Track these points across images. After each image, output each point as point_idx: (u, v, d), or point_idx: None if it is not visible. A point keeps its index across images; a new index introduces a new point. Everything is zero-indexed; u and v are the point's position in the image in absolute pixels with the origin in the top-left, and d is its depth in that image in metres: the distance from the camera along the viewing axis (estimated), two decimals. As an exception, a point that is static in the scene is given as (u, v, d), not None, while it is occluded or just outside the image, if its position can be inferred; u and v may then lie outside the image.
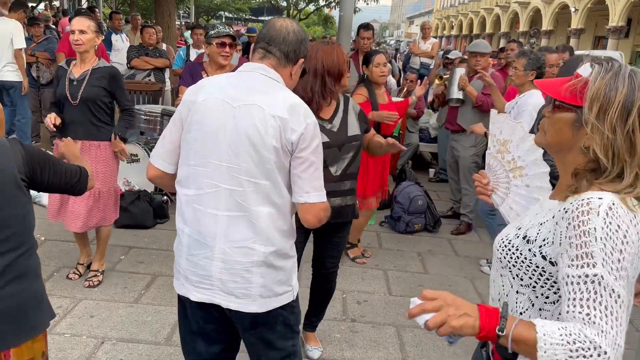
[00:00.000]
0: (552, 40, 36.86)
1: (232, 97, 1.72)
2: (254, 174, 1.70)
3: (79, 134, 3.34)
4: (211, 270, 1.76)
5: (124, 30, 9.02)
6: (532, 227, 1.30)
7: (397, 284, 3.94)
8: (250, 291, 1.76)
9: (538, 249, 1.25)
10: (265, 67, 1.78)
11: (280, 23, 1.83)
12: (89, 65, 3.35)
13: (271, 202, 1.73)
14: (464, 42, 53.95)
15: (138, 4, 31.03)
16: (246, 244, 1.73)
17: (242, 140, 1.68)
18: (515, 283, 1.32)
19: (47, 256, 3.94)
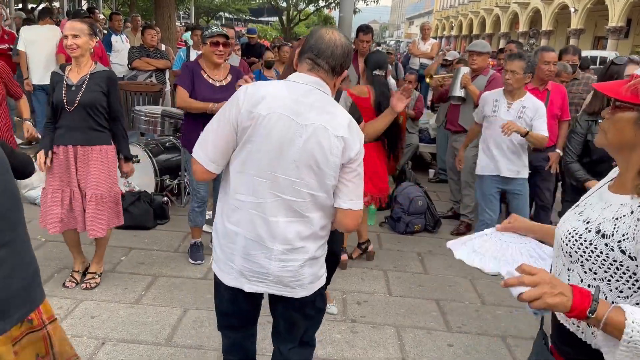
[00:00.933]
0: (552, 41, 36.86)
1: (297, 113, 1.81)
2: (314, 188, 1.86)
3: (77, 140, 3.29)
4: (270, 269, 1.93)
5: (124, 31, 9.03)
6: (605, 221, 1.32)
7: (397, 285, 3.95)
8: (303, 281, 1.98)
9: (617, 244, 1.28)
10: (320, 82, 1.88)
11: (329, 36, 1.88)
12: (86, 70, 3.28)
13: (323, 208, 1.93)
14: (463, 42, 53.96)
15: (138, 4, 31.03)
16: (302, 244, 1.93)
17: (307, 157, 1.82)
18: (587, 277, 1.35)
19: (47, 257, 3.94)
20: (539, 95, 4.46)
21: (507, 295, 3.90)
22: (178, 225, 4.77)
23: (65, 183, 3.35)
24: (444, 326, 3.43)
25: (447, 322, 3.47)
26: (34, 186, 4.92)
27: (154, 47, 6.61)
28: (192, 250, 4.07)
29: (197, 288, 3.66)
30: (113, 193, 3.49)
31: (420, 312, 3.57)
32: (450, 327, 3.42)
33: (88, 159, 3.32)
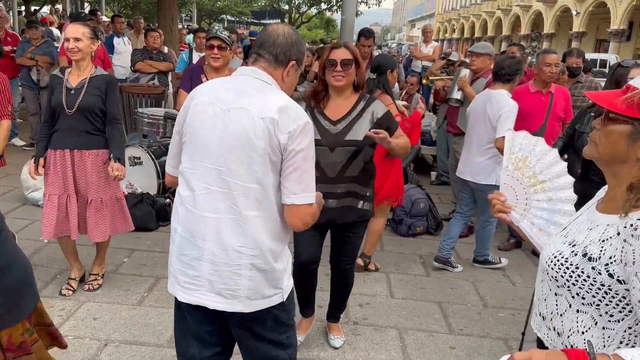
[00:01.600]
0: (554, 44, 36.87)
1: (223, 100, 1.76)
2: (243, 178, 1.72)
3: (74, 143, 3.26)
4: (200, 271, 1.78)
5: (126, 34, 9.05)
6: (592, 243, 1.27)
7: (399, 287, 3.95)
8: (238, 292, 1.78)
9: (604, 267, 1.23)
10: (258, 70, 1.81)
11: (272, 28, 1.88)
12: (86, 74, 3.25)
13: (260, 206, 1.75)
14: (465, 45, 53.98)
15: (140, 7, 31.12)
16: (234, 247, 1.75)
17: (231, 143, 1.72)
18: (575, 302, 1.30)
19: (51, 259, 3.95)
20: (542, 99, 4.47)
21: (509, 298, 3.90)
22: (180, 227, 4.77)
23: (61, 188, 3.31)
24: (446, 328, 3.43)
25: (449, 325, 3.47)
26: (37, 188, 4.92)
27: (157, 50, 6.63)
28: None
29: (199, 290, 3.66)
30: (116, 198, 3.44)
31: (422, 315, 3.57)
32: (453, 330, 3.42)
33: (85, 163, 3.29)
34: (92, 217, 3.36)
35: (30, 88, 6.88)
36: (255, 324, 1.87)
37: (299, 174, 1.73)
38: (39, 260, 3.93)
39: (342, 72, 2.66)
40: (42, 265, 3.84)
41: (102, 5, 26.53)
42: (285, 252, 1.89)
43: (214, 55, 3.62)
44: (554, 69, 4.47)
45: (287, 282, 1.90)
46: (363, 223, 2.94)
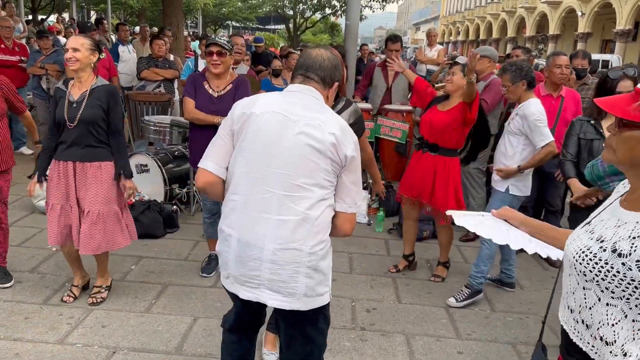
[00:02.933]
0: (560, 45, 36.73)
1: (290, 111, 1.93)
2: (308, 182, 1.89)
3: (77, 155, 3.26)
4: (260, 270, 1.93)
5: (131, 42, 9.12)
6: (621, 240, 1.30)
7: (406, 292, 3.94)
8: (297, 290, 1.93)
9: (635, 263, 1.26)
10: (312, 89, 2.00)
11: (315, 52, 2.05)
12: (87, 85, 3.25)
13: (319, 209, 1.92)
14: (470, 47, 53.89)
15: (146, 15, 31.32)
16: (294, 245, 1.90)
17: (300, 151, 1.88)
18: (604, 295, 1.33)
19: (59, 266, 3.97)
20: (553, 102, 4.45)
21: (517, 302, 3.89)
22: (187, 234, 4.80)
23: (63, 198, 3.32)
24: (454, 333, 3.42)
25: (457, 329, 3.47)
26: (44, 196, 4.96)
27: (162, 57, 6.67)
28: (206, 262, 4.09)
29: (206, 296, 3.68)
30: (113, 211, 3.37)
31: (430, 320, 3.56)
32: (460, 335, 3.41)
33: (86, 175, 3.28)
34: (86, 229, 3.30)
35: (41, 97, 6.94)
36: (309, 324, 2.06)
37: (359, 187, 1.99)
38: (47, 268, 3.96)
39: None
40: (50, 274, 3.87)
41: (108, 13, 26.73)
42: (331, 251, 2.05)
43: (214, 62, 3.62)
44: (565, 70, 4.46)
45: (330, 280, 2.08)
46: None
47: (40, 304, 3.45)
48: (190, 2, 26.72)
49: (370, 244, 4.83)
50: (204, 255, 4.21)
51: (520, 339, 3.39)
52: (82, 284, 3.62)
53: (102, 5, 28.83)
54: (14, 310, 3.35)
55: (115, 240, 3.43)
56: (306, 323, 2.06)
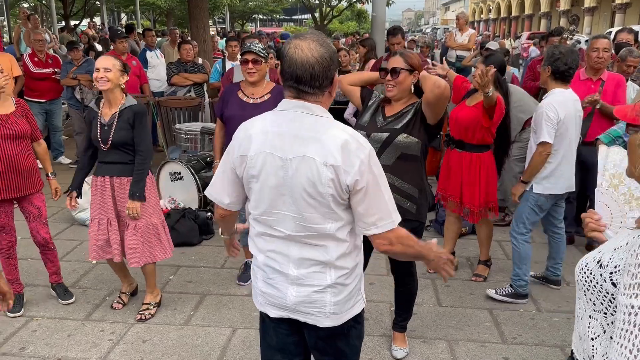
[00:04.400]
0: (596, 17, 35.36)
1: (281, 149, 1.73)
2: (317, 221, 1.76)
3: (114, 171, 3.34)
4: (287, 294, 1.87)
5: (160, 45, 9.20)
6: (607, 252, 1.29)
7: (447, 294, 3.84)
8: (325, 310, 1.86)
9: (608, 275, 1.24)
10: (306, 105, 1.74)
11: (300, 57, 1.68)
12: (116, 107, 3.28)
13: (338, 238, 1.81)
14: (502, 25, 52.50)
15: (174, 13, 31.66)
16: (318, 269, 1.83)
17: (299, 191, 1.73)
18: (588, 307, 1.33)
19: (99, 280, 4.03)
20: (592, 87, 4.26)
21: (563, 300, 3.74)
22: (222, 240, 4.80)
23: (102, 213, 3.39)
24: (499, 337, 3.31)
25: (502, 333, 3.35)
26: (84, 208, 5.04)
27: (191, 62, 6.68)
28: (242, 270, 4.09)
29: (244, 305, 3.67)
30: (151, 224, 3.42)
31: (473, 324, 3.46)
32: (505, 339, 3.30)
33: (124, 189, 3.34)
34: (128, 242, 3.40)
35: (76, 107, 7.08)
36: (340, 339, 1.97)
37: (372, 206, 1.74)
38: (88, 282, 4.03)
39: (392, 81, 2.81)
40: (91, 288, 3.93)
41: (137, 14, 27.16)
42: (360, 263, 1.94)
43: (250, 70, 3.54)
44: (602, 54, 4.25)
45: (363, 286, 1.99)
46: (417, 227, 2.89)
47: (82, 320, 3.50)
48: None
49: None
50: (240, 262, 4.21)
51: (569, 341, 3.24)
52: (130, 291, 3.73)
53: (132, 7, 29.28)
54: (57, 328, 3.41)
55: (154, 254, 3.48)
56: (337, 338, 1.96)
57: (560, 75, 3.45)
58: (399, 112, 2.86)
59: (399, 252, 1.85)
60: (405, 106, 2.86)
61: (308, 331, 1.96)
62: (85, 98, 6.97)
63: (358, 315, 1.97)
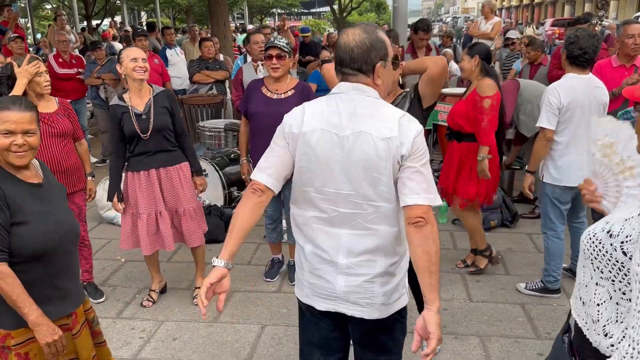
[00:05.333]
0: (622, 1, 34.46)
1: (337, 126, 1.78)
2: (372, 198, 1.78)
3: (159, 162, 3.41)
4: (335, 284, 1.87)
5: (180, 42, 9.23)
6: (617, 222, 1.30)
7: (478, 289, 3.78)
8: (374, 300, 1.86)
9: (619, 245, 1.26)
10: (358, 86, 1.81)
11: (343, 41, 1.81)
12: (146, 95, 3.35)
13: (391, 221, 1.81)
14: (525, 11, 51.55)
15: (194, 10, 31.82)
16: (368, 257, 1.83)
17: (355, 167, 1.76)
18: (595, 275, 1.35)
19: (128, 278, 4.07)
20: (626, 73, 4.16)
21: (598, 294, 3.65)
22: (249, 237, 4.72)
23: (150, 206, 3.45)
24: (532, 333, 3.24)
25: (535, 328, 3.28)
26: (110, 207, 5.10)
27: (213, 59, 6.68)
28: (269, 266, 4.09)
29: (272, 302, 3.66)
30: (198, 206, 3.64)
31: (505, 319, 3.39)
32: (539, 334, 3.23)
33: (172, 178, 3.44)
34: (189, 225, 3.54)
35: (100, 106, 7.15)
36: (385, 334, 1.97)
37: (419, 178, 1.75)
38: (118, 280, 4.06)
39: None
40: (121, 286, 3.97)
41: (157, 12, 27.32)
42: (406, 253, 1.92)
43: (274, 66, 3.51)
44: (638, 39, 4.12)
45: (407, 282, 1.99)
46: None
47: (114, 318, 3.53)
48: (235, -5, 26.85)
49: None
50: (266, 258, 4.20)
51: (606, 337, 3.17)
52: (160, 288, 3.79)
53: (152, 5, 29.51)
54: (90, 326, 3.44)
55: (199, 235, 3.64)
56: (383, 332, 1.97)
57: (574, 60, 3.34)
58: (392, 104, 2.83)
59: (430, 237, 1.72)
60: (395, 98, 2.79)
61: (353, 325, 1.97)
62: (110, 97, 7.03)
63: (403, 309, 1.97)
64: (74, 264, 2.11)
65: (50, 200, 2.01)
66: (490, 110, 3.55)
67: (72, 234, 2.03)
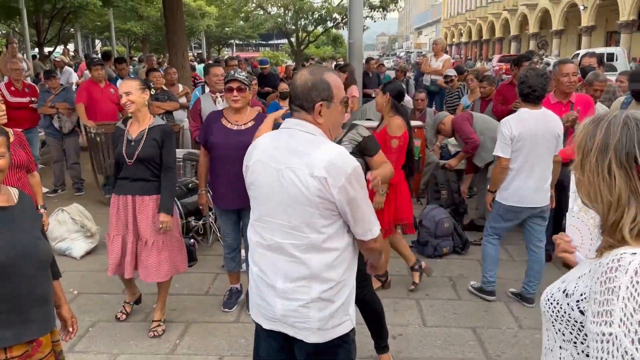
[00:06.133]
0: (564, 40, 36.54)
1: (276, 159, 1.92)
2: (304, 230, 1.88)
3: (136, 190, 3.47)
4: (275, 307, 1.97)
5: (137, 72, 9.21)
6: (572, 281, 1.30)
7: (432, 314, 3.89)
8: (310, 325, 1.94)
9: (575, 304, 1.25)
10: (302, 123, 1.94)
11: (293, 79, 2.00)
12: (145, 124, 3.46)
13: (322, 250, 1.90)
14: (474, 48, 53.81)
15: (150, 40, 31.68)
16: (303, 284, 1.92)
17: (289, 200, 1.88)
18: (558, 338, 1.32)
19: (82, 310, 3.97)
20: (563, 109, 4.42)
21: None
22: (207, 267, 4.79)
23: (123, 229, 3.53)
24: (483, 355, 3.36)
25: (486, 351, 3.41)
26: (63, 238, 5.00)
27: (161, 89, 6.68)
28: (227, 296, 4.09)
29: (230, 332, 3.65)
30: (174, 238, 3.62)
31: (458, 343, 3.51)
32: (490, 356, 3.35)
33: (147, 207, 3.48)
34: (154, 258, 3.51)
35: (54, 136, 7.00)
36: (325, 356, 2.01)
37: (359, 217, 1.90)
38: (71, 313, 3.96)
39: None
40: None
41: (112, 41, 27.08)
42: (350, 280, 2.02)
43: (234, 98, 3.61)
44: (572, 78, 4.42)
45: (352, 309, 2.04)
46: None
47: (66, 352, 3.39)
48: (193, 25, 26.97)
49: (391, 263, 4.78)
50: (224, 288, 4.20)
51: (552, 358, 3.31)
52: (134, 300, 3.88)
53: (106, 33, 29.21)
54: (41, 360, 3.34)
55: (177, 266, 3.65)
56: (325, 355, 2.00)
57: (525, 97, 3.74)
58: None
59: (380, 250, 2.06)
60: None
61: (298, 347, 2.03)
62: (64, 126, 6.92)
63: (346, 335, 2.01)
64: (40, 290, 2.05)
65: (12, 222, 1.99)
66: (397, 150, 3.82)
67: (31, 257, 1.99)
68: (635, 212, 1.19)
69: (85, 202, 6.04)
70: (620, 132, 1.22)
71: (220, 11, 29.79)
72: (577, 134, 1.29)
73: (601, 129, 1.24)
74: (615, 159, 1.20)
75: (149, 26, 27.39)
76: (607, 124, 1.24)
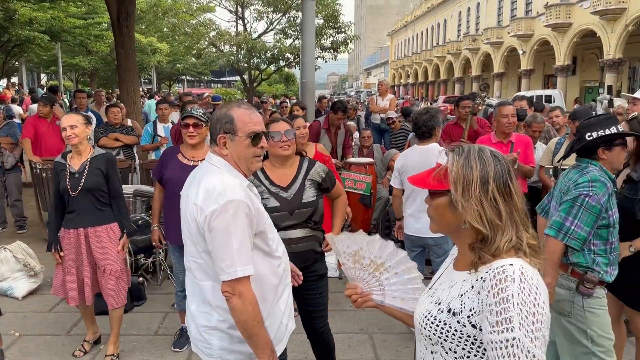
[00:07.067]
0: (505, 82, 38.46)
1: (186, 188, 2.07)
2: (194, 254, 2.00)
3: (87, 222, 3.51)
4: (190, 329, 2.11)
5: (88, 108, 9.06)
6: (453, 299, 1.38)
7: (384, 349, 3.93)
8: (212, 352, 2.02)
9: (467, 319, 1.33)
10: (210, 155, 2.06)
11: None
12: (86, 156, 3.51)
13: (212, 276, 1.96)
14: (420, 89, 55.78)
15: (98, 74, 31.20)
16: (206, 309, 2.02)
17: (185, 226, 2.02)
18: (449, 357, 1.38)
19: (24, 354, 3.78)
20: (504, 149, 4.65)
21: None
22: (156, 306, 4.67)
23: (77, 262, 3.55)
24: (435, 389, 3.41)
25: (438, 384, 3.45)
26: (5, 277, 4.78)
27: (120, 124, 6.62)
28: (177, 335, 3.99)
29: (181, 373, 3.56)
30: (122, 270, 3.69)
31: (410, 376, 3.55)
32: (441, 389, 3.40)
33: (100, 237, 3.53)
34: (112, 286, 3.59)
35: (-8, 171, 6.74)
36: None
37: (216, 250, 1.86)
38: (12, 356, 3.76)
39: (287, 142, 2.85)
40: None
41: (59, 75, 26.51)
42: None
43: (191, 134, 3.63)
44: (511, 119, 4.68)
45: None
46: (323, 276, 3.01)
47: (5, 398, 3.26)
48: (144, 61, 26.78)
49: (344, 299, 4.81)
50: (174, 327, 4.10)
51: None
52: (94, 339, 3.89)
53: (53, 67, 28.60)
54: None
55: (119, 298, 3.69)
56: None
57: (415, 134, 4.14)
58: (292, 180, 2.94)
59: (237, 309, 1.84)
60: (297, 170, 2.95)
61: None
62: (6, 162, 6.69)
63: None
64: None
65: None
66: None
67: None
68: (512, 233, 1.34)
69: (28, 240, 5.80)
70: (494, 163, 1.36)
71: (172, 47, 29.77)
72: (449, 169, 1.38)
73: (475, 161, 1.36)
74: (496, 188, 1.34)
75: (98, 61, 27.00)
76: (477, 156, 1.36)
